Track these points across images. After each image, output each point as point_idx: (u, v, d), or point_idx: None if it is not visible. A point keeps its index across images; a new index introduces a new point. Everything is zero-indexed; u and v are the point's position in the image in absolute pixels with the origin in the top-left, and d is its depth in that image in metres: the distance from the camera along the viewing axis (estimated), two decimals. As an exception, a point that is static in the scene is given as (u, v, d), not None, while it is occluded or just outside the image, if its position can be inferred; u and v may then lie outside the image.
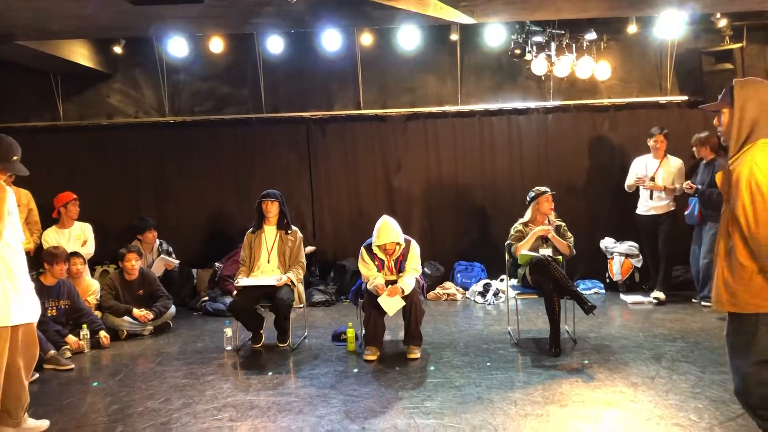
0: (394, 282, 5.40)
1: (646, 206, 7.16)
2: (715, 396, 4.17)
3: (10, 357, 3.77)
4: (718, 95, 3.03)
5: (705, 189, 6.58)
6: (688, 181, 6.77)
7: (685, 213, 6.88)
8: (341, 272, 8.04)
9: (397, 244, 5.44)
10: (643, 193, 7.18)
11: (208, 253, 8.15)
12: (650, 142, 7.11)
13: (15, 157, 3.85)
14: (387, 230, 5.41)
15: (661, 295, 7.03)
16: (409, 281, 5.32)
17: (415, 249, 5.54)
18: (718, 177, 2.99)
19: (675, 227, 7.09)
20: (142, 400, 4.54)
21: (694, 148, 6.90)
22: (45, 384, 4.97)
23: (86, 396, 4.74)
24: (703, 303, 6.80)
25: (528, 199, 5.91)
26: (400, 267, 5.50)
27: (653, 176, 7.04)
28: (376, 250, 5.45)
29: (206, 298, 7.44)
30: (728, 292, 2.91)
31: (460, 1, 5.61)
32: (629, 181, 7.24)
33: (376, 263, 5.48)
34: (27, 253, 4.30)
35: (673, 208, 7.08)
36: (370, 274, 5.44)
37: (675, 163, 7.09)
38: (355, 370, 5.04)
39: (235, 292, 5.79)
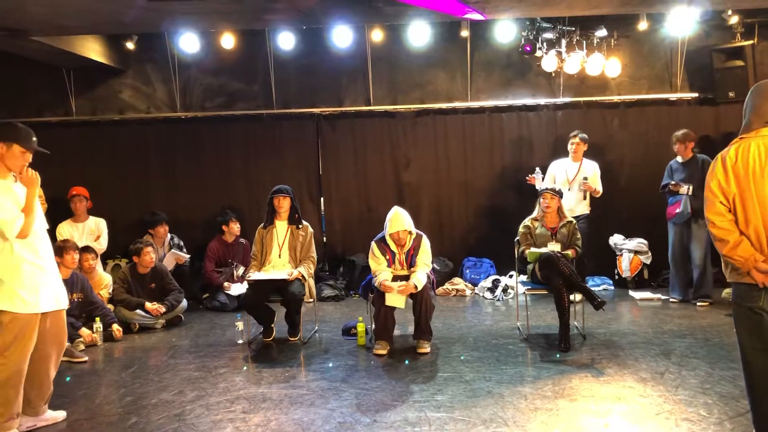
0: (404, 277, 5.44)
1: (568, 208, 7.05)
2: (724, 392, 4.19)
3: (41, 345, 3.83)
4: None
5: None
6: (675, 181, 6.81)
7: (677, 211, 6.76)
8: (350, 267, 8.08)
9: (409, 232, 5.49)
10: (566, 196, 7.09)
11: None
12: (568, 144, 7.27)
13: (34, 138, 3.89)
14: (399, 219, 5.46)
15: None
16: (421, 277, 5.36)
17: (426, 244, 5.58)
18: None
19: (589, 229, 7.17)
20: (155, 392, 4.59)
21: (675, 146, 6.87)
22: (59, 376, 4.96)
23: (100, 388, 4.80)
24: (698, 303, 6.77)
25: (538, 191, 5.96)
26: (411, 261, 5.54)
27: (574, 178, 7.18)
28: (388, 239, 5.49)
29: (207, 295, 7.48)
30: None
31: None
32: (544, 183, 7.25)
33: (387, 257, 5.52)
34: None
35: (587, 212, 7.19)
36: (379, 268, 5.48)
37: (592, 165, 7.22)
38: (366, 364, 5.08)
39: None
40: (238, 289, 7.25)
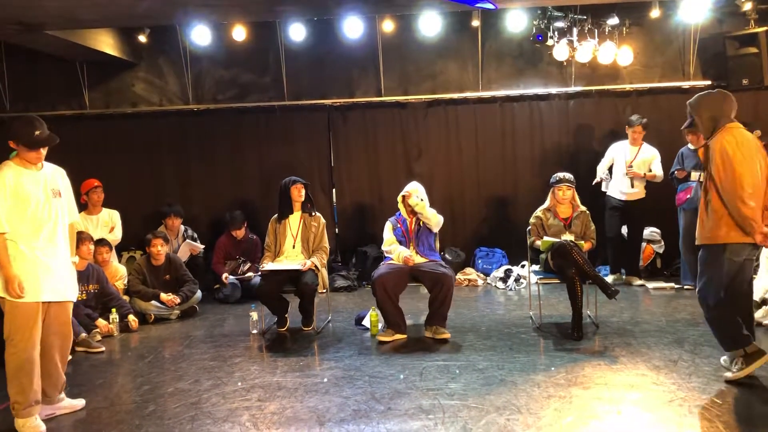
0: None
1: (621, 191, 7.28)
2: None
3: (43, 335, 3.88)
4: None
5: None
6: (680, 167, 6.87)
7: (687, 197, 6.75)
8: (363, 258, 8.12)
9: (420, 199, 5.74)
10: (622, 179, 7.25)
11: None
12: (629, 131, 7.24)
13: (37, 132, 3.83)
14: (414, 184, 5.86)
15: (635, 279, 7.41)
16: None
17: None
18: (700, 152, 4.30)
19: (645, 214, 7.35)
20: (171, 381, 4.65)
21: (688, 136, 6.86)
22: (77, 366, 5.10)
23: (118, 377, 4.88)
24: None
25: (550, 183, 5.94)
26: (419, 239, 5.73)
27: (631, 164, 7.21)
28: (400, 203, 5.79)
29: (217, 285, 7.52)
30: (705, 229, 4.08)
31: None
32: (603, 168, 7.40)
33: (399, 225, 5.77)
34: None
35: (643, 196, 7.25)
36: (392, 246, 5.70)
37: (651, 150, 7.24)
38: (379, 353, 5.12)
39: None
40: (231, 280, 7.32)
